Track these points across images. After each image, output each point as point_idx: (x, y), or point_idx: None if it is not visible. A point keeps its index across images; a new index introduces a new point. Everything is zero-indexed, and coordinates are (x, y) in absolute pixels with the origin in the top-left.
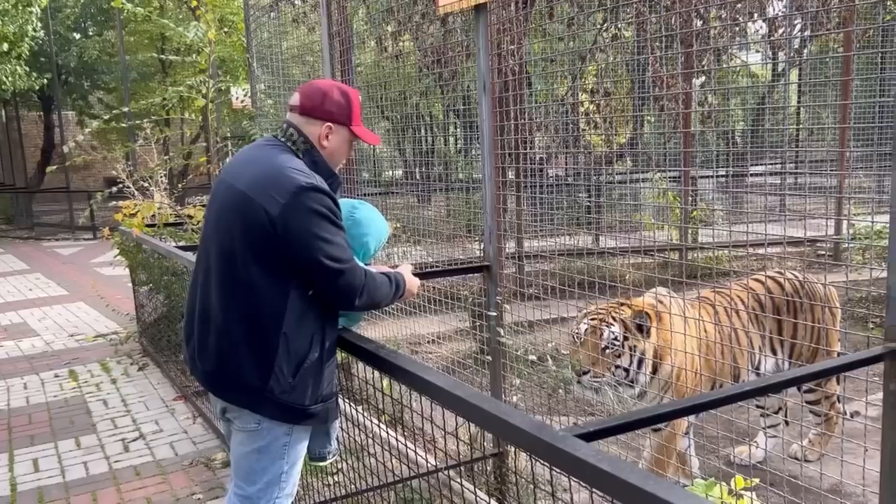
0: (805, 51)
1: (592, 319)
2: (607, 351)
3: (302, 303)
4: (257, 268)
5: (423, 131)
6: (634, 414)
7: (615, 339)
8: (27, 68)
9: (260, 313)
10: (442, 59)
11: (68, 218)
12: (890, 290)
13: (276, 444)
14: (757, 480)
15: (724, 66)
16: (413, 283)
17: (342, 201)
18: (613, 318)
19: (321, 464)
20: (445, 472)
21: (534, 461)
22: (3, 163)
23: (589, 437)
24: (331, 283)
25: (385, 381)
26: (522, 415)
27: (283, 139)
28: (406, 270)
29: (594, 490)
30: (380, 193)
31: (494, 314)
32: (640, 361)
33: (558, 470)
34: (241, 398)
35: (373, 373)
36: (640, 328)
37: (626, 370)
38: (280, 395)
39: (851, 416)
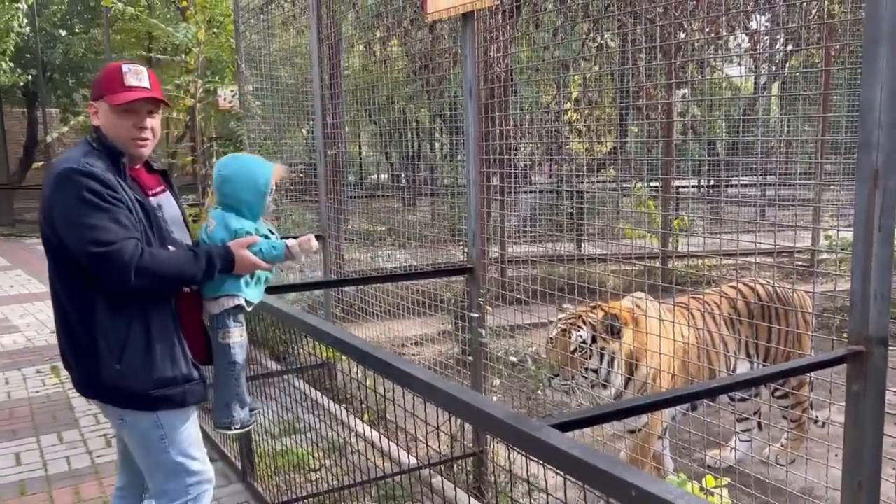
0: (786, 65)
1: (563, 323)
2: (576, 353)
3: (102, 291)
4: (58, 265)
5: (408, 136)
6: (607, 406)
7: (583, 341)
8: (12, 64)
9: (72, 306)
10: (429, 65)
11: None
12: (852, 295)
13: (151, 436)
14: (728, 480)
15: (707, 78)
16: (242, 255)
17: (215, 165)
18: (583, 322)
19: (228, 432)
20: (427, 470)
21: (512, 457)
22: None
23: (564, 427)
24: (95, 266)
25: (370, 380)
26: (500, 406)
27: (86, 135)
28: (244, 242)
29: (567, 476)
30: (365, 196)
31: (476, 316)
32: (612, 363)
33: (534, 458)
34: (88, 390)
35: (358, 369)
36: (609, 330)
37: (596, 371)
38: (113, 381)
39: (823, 424)
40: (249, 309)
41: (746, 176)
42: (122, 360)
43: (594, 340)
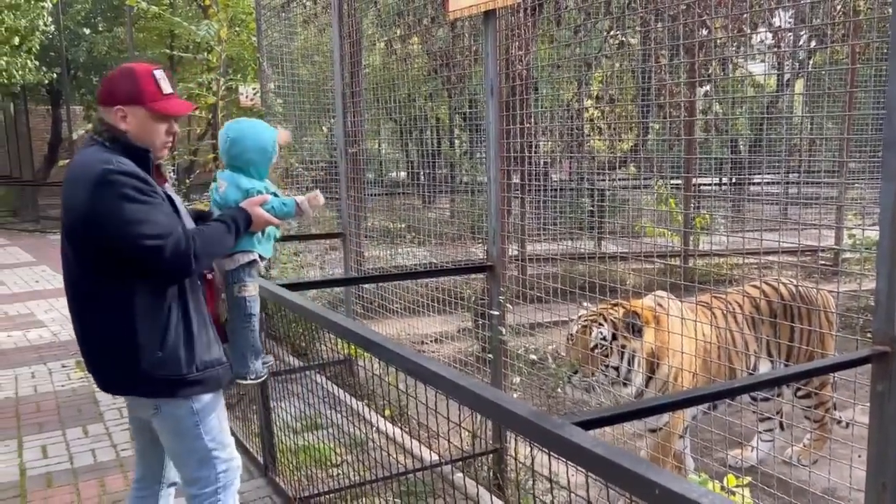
0: (810, 62)
1: (584, 320)
2: (596, 350)
3: (141, 284)
4: (94, 264)
5: (428, 133)
6: (629, 405)
7: (604, 338)
8: (37, 62)
9: (109, 303)
10: (449, 63)
11: None
12: (877, 295)
13: (186, 423)
14: (749, 479)
15: (729, 75)
16: (257, 213)
17: (221, 130)
18: (604, 319)
19: (244, 382)
20: (447, 467)
21: (532, 454)
22: (11, 156)
23: (586, 425)
24: (153, 259)
25: (391, 377)
26: (523, 403)
27: (93, 135)
28: (257, 201)
29: (590, 474)
30: (385, 194)
31: (497, 314)
32: (632, 360)
33: (556, 455)
34: (120, 388)
35: (379, 365)
36: (630, 328)
37: (617, 369)
38: (154, 369)
39: (847, 424)
40: (262, 263)
41: (769, 174)
42: (165, 346)
43: (615, 338)
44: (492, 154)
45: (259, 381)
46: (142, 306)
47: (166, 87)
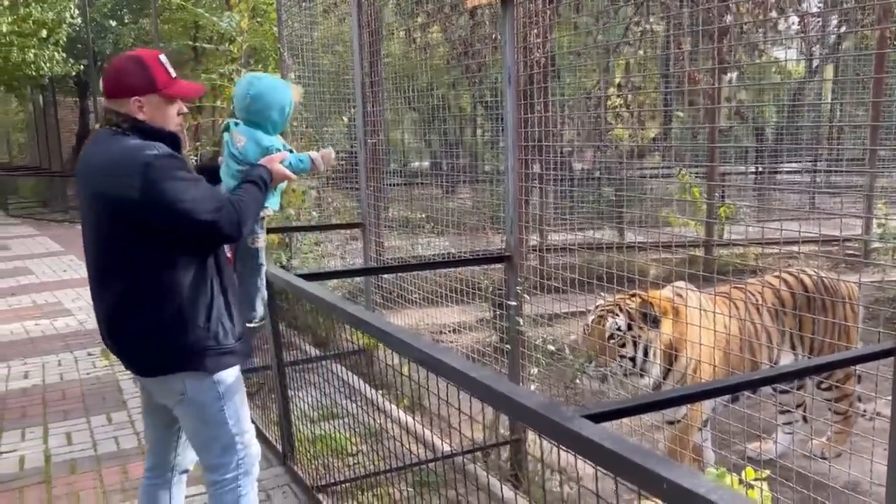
0: (840, 47)
1: (600, 310)
2: (611, 340)
3: (187, 261)
4: (145, 246)
5: (447, 122)
6: (641, 398)
7: (619, 328)
8: (64, 55)
9: (157, 282)
10: (469, 52)
11: None
12: None
13: (212, 408)
14: (767, 472)
15: (755, 62)
16: (276, 169)
17: (239, 83)
18: (620, 309)
19: (250, 325)
20: (463, 457)
21: (545, 446)
22: (40, 147)
23: (597, 418)
24: (214, 233)
25: (406, 367)
26: (533, 395)
27: (107, 127)
28: (276, 158)
29: (599, 468)
30: (405, 184)
31: (514, 304)
32: (647, 351)
33: (565, 448)
34: (158, 368)
35: (394, 357)
36: (645, 318)
37: (633, 360)
38: (199, 342)
39: (871, 417)
40: (271, 215)
41: (795, 162)
42: (211, 318)
43: (630, 328)
44: (509, 143)
45: (262, 323)
46: (186, 281)
47: (172, 71)
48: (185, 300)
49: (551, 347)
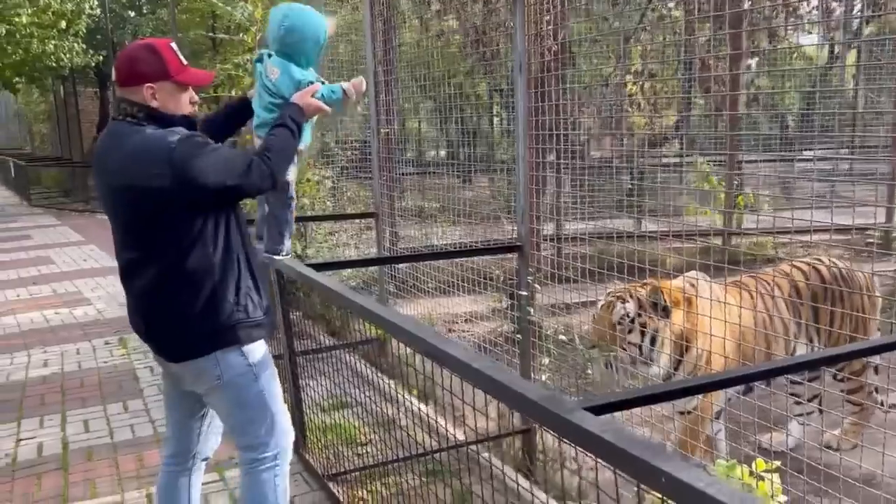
0: (863, 32)
1: (610, 296)
2: (618, 326)
3: (215, 241)
4: (162, 238)
5: (461, 111)
6: (647, 389)
7: (627, 314)
8: (84, 45)
9: (192, 261)
10: (483, 39)
11: None
12: None
13: (247, 390)
14: (778, 464)
15: (775, 48)
16: (308, 103)
17: (273, 13)
18: (630, 296)
19: (276, 257)
20: (475, 447)
21: (544, 437)
22: (61, 137)
23: (598, 410)
24: (248, 193)
25: (416, 357)
26: (535, 387)
27: (121, 117)
28: (308, 91)
29: (598, 460)
30: (417, 174)
31: (525, 294)
32: (654, 340)
33: (567, 441)
34: (193, 349)
35: (404, 348)
36: (655, 307)
37: (639, 347)
38: (231, 320)
39: (887, 410)
40: (304, 151)
41: (817, 149)
42: (240, 293)
43: (639, 315)
44: (520, 131)
45: (288, 256)
46: (218, 263)
47: (183, 59)
48: (217, 280)
49: (563, 338)
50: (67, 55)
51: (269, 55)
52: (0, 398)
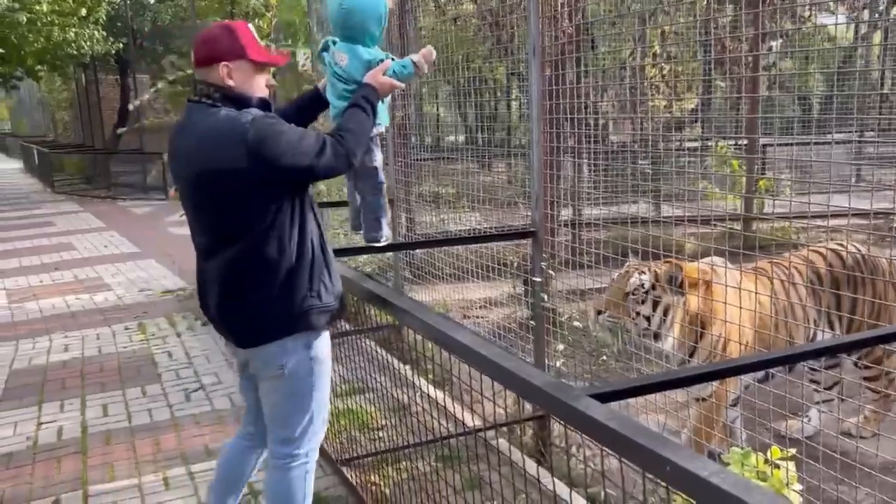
0: (891, 11)
1: (628, 267)
2: (631, 296)
3: (292, 225)
4: (242, 222)
5: (478, 95)
6: (656, 376)
7: (641, 285)
8: (104, 33)
9: (272, 246)
10: (499, 22)
11: (142, 179)
12: None
13: (303, 387)
14: (793, 451)
15: (799, 28)
16: (381, 82)
17: (328, 1)
18: (648, 269)
19: (376, 244)
20: (488, 432)
21: (551, 424)
22: (83, 124)
23: (605, 397)
24: (324, 174)
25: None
26: (542, 374)
27: (198, 99)
28: (380, 70)
29: (604, 448)
30: (432, 159)
31: (539, 280)
32: (666, 314)
33: (572, 428)
34: (265, 335)
35: (416, 336)
36: (671, 280)
37: (648, 319)
38: (306, 305)
39: None
40: (384, 131)
41: (841, 132)
42: (313, 278)
43: (653, 287)
44: (534, 115)
45: (387, 242)
46: (295, 248)
47: (260, 40)
48: (293, 265)
49: (578, 324)
50: (88, 43)
51: (334, 42)
52: (22, 382)
